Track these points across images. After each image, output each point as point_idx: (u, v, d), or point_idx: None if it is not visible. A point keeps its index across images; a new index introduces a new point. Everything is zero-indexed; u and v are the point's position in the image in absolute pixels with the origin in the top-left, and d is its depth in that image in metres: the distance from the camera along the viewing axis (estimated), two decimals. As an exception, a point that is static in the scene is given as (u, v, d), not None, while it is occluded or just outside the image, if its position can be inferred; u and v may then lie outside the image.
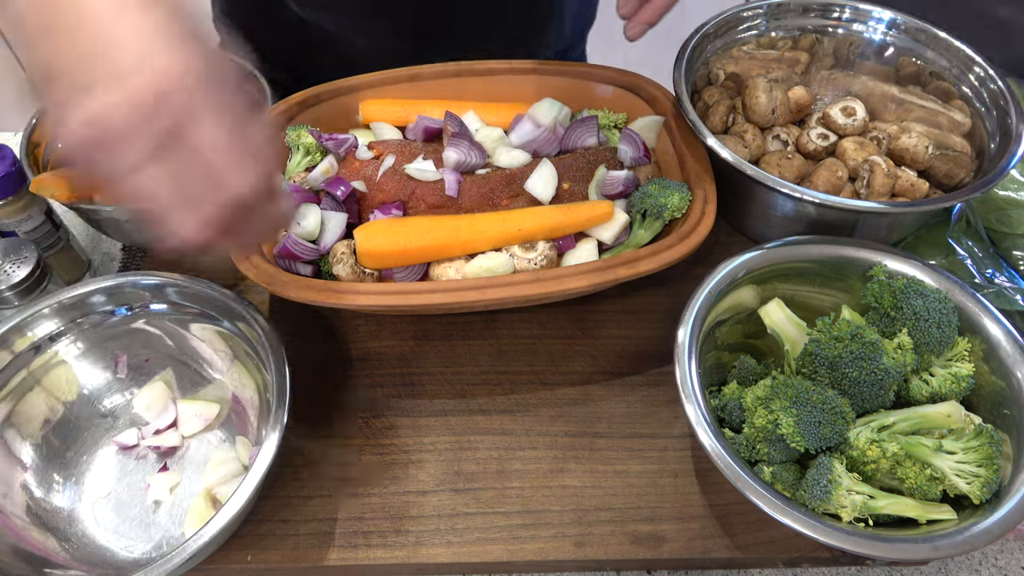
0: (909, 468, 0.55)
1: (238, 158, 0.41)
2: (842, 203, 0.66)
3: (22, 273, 0.66)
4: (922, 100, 0.81)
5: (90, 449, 0.65)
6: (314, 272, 0.68)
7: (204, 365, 0.68)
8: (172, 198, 0.41)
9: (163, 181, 0.40)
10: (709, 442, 0.54)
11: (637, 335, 0.73)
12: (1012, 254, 0.74)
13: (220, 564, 0.59)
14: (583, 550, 0.60)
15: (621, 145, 0.72)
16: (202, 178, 0.41)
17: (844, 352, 0.56)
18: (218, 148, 0.41)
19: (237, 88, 0.42)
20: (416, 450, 0.65)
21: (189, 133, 0.40)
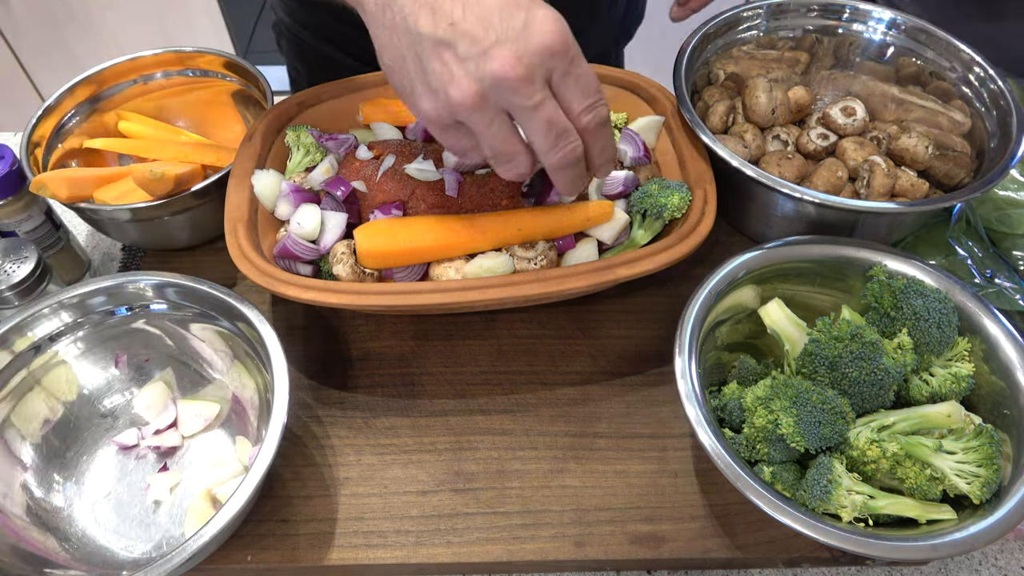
0: (909, 468, 0.55)
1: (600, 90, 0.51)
2: (842, 203, 0.66)
3: (22, 273, 0.66)
4: (922, 100, 0.81)
5: (90, 449, 0.65)
6: (314, 272, 0.68)
7: (204, 365, 0.68)
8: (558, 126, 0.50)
9: (557, 108, 0.50)
10: (709, 442, 0.54)
11: (637, 335, 0.73)
12: (1012, 254, 0.74)
13: (220, 564, 0.59)
14: (583, 550, 0.60)
15: (621, 145, 0.72)
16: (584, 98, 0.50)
17: (844, 352, 0.56)
18: (590, 81, 0.50)
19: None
20: (416, 450, 0.65)
21: (574, 71, 0.49)
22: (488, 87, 0.48)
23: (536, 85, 0.48)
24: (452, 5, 0.48)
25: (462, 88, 0.48)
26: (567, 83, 0.50)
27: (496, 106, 0.50)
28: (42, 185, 0.70)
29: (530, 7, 0.48)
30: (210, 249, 0.80)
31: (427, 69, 0.49)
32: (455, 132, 0.52)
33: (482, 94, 0.49)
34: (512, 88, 0.48)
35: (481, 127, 0.50)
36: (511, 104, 0.49)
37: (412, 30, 0.49)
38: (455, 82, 0.48)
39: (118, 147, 0.80)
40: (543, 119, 0.50)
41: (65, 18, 1.89)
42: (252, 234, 0.66)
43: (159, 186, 0.70)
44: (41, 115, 0.77)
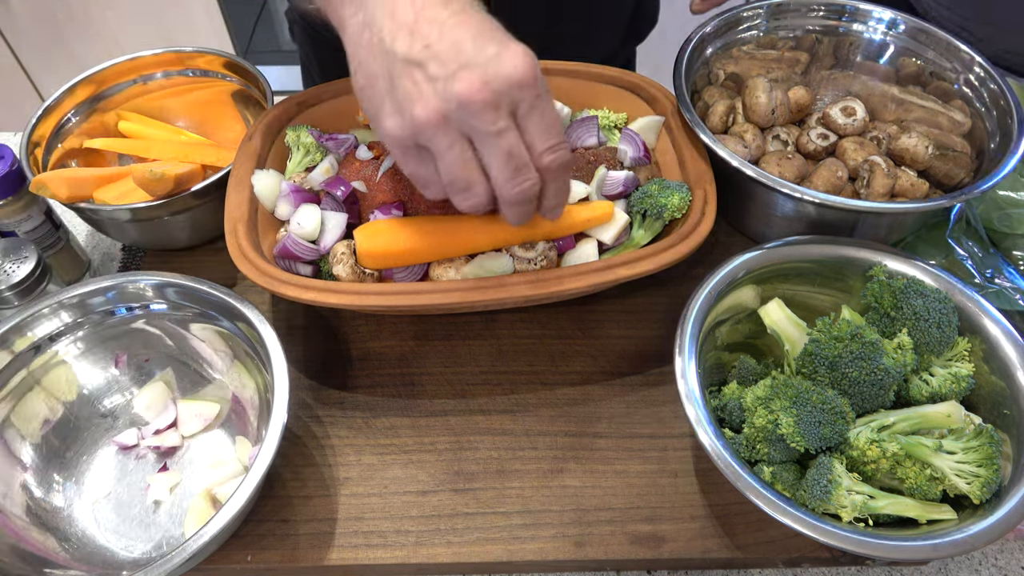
0: (909, 468, 0.55)
1: (563, 134, 0.52)
2: (842, 203, 0.66)
3: (22, 273, 0.66)
4: (922, 100, 0.81)
5: (90, 449, 0.65)
6: (314, 272, 0.68)
7: (204, 365, 0.68)
8: (517, 160, 0.50)
9: (519, 142, 0.50)
10: (709, 442, 0.54)
11: (637, 335, 0.73)
12: (1012, 254, 0.74)
13: (220, 564, 0.59)
14: (583, 550, 0.60)
15: (621, 145, 0.72)
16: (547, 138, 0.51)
17: (844, 352, 0.56)
18: (555, 122, 0.51)
19: None
20: (416, 450, 0.65)
21: (539, 107, 0.50)
22: (452, 108, 0.48)
23: (500, 112, 0.49)
24: (430, 29, 0.49)
25: (427, 106, 0.49)
26: (532, 119, 0.50)
27: (458, 130, 0.50)
28: (42, 185, 0.70)
29: (504, 40, 0.49)
30: (210, 249, 0.80)
31: (396, 87, 0.50)
32: (416, 157, 0.52)
33: (445, 114, 0.49)
34: (476, 112, 0.48)
35: (441, 149, 0.50)
36: (473, 129, 0.49)
37: (388, 50, 0.50)
38: (421, 100, 0.49)
39: (118, 147, 0.80)
40: (504, 148, 0.50)
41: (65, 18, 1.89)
42: (252, 234, 0.66)
43: (159, 186, 0.70)
44: (41, 115, 0.77)
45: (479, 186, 0.52)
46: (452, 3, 0.50)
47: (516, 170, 0.51)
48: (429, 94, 0.49)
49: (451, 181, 0.52)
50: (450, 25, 0.49)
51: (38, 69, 1.99)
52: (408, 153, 0.52)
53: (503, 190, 0.52)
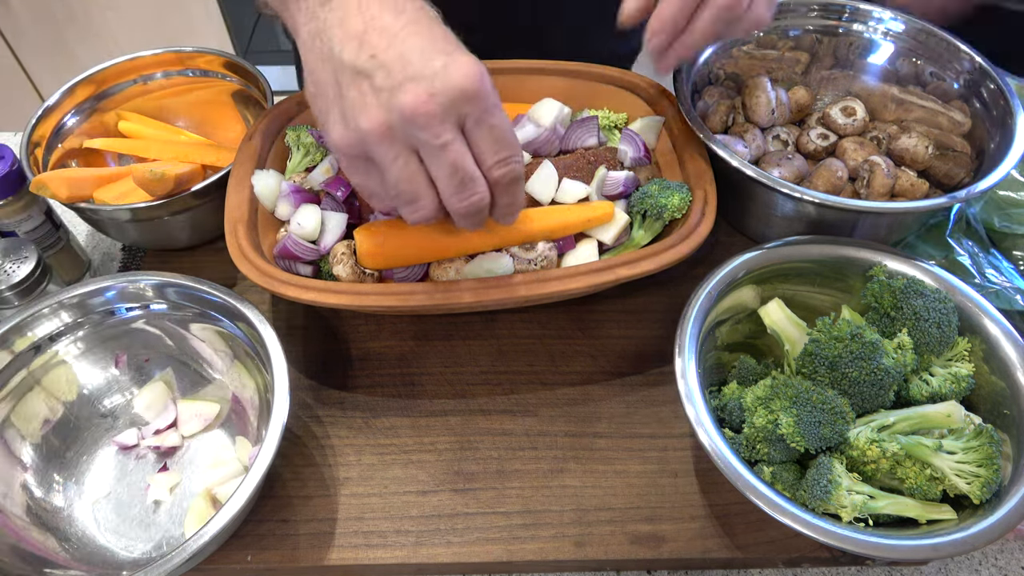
0: (909, 468, 0.55)
1: (515, 146, 0.52)
2: (842, 203, 0.66)
3: (22, 273, 0.66)
4: (922, 100, 0.81)
5: (90, 449, 0.65)
6: (314, 272, 0.68)
7: (204, 365, 0.68)
8: (463, 173, 0.50)
9: (466, 155, 0.50)
10: (709, 442, 0.54)
11: (637, 335, 0.73)
12: (1012, 254, 0.74)
13: (220, 564, 0.59)
14: (583, 550, 0.60)
15: (621, 145, 0.72)
16: (497, 151, 0.51)
17: (844, 352, 0.56)
18: (505, 135, 0.50)
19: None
20: (416, 450, 0.65)
21: (488, 120, 0.49)
22: (396, 120, 0.48)
23: (446, 125, 0.48)
24: (378, 39, 0.48)
25: (371, 117, 0.48)
26: (480, 131, 0.50)
27: (404, 141, 0.49)
28: (42, 185, 0.70)
29: (453, 52, 0.48)
30: (210, 249, 0.80)
31: (344, 96, 0.50)
32: (363, 167, 0.52)
33: (390, 126, 0.49)
34: (420, 124, 0.48)
35: (386, 161, 0.50)
36: (419, 141, 0.49)
37: (337, 58, 0.49)
38: (366, 111, 0.49)
39: (118, 147, 0.80)
40: (449, 161, 0.49)
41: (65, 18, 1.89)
42: (252, 234, 0.66)
43: (159, 186, 0.70)
44: (41, 115, 0.77)
45: (425, 199, 0.52)
46: (404, 13, 0.49)
47: (462, 183, 0.51)
48: (374, 105, 0.48)
49: (396, 194, 0.52)
50: (399, 35, 0.48)
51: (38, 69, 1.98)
52: (354, 163, 0.52)
53: (449, 203, 0.52)
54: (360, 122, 0.49)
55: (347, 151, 0.51)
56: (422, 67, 0.48)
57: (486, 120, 0.49)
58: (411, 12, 0.50)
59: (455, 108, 0.48)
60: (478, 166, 0.51)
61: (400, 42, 0.48)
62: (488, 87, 0.49)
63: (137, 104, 0.84)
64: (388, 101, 0.48)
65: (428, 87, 0.47)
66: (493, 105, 0.49)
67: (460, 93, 0.48)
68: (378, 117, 0.48)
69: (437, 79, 0.47)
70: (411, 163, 0.50)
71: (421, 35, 0.49)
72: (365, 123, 0.49)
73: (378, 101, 0.48)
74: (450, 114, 0.48)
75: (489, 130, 0.50)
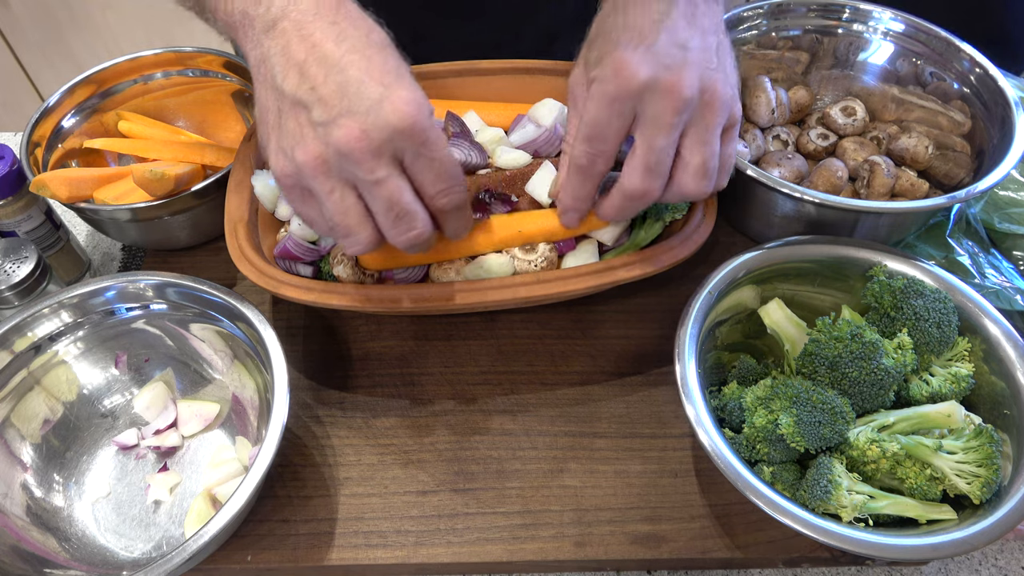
0: (909, 468, 0.55)
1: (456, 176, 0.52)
2: (842, 203, 0.66)
3: (22, 273, 0.66)
4: (922, 100, 0.81)
5: (90, 449, 0.65)
6: (314, 273, 0.68)
7: (204, 365, 0.68)
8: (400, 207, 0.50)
9: (404, 189, 0.50)
10: (709, 442, 0.54)
11: (637, 335, 0.73)
12: (1012, 254, 0.74)
13: (220, 564, 0.59)
14: (583, 550, 0.60)
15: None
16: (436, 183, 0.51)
17: (844, 352, 0.56)
18: (444, 167, 0.50)
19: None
20: (416, 450, 0.65)
21: (425, 153, 0.49)
22: (332, 155, 0.48)
23: (380, 161, 0.48)
24: (317, 71, 0.48)
25: (307, 151, 0.49)
26: (419, 165, 0.50)
27: (340, 176, 0.50)
28: (42, 185, 0.70)
29: (391, 85, 0.48)
30: (210, 249, 0.80)
31: (283, 126, 0.50)
32: (301, 196, 0.52)
33: (325, 160, 0.49)
34: (354, 161, 0.48)
35: (322, 194, 0.50)
36: (354, 176, 0.49)
37: (279, 88, 0.49)
38: (303, 144, 0.49)
39: (118, 147, 0.80)
40: (383, 197, 0.50)
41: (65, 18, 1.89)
42: (252, 235, 0.66)
43: (159, 186, 0.70)
44: (41, 115, 0.77)
45: (361, 233, 0.52)
46: (346, 40, 0.49)
47: (398, 218, 0.51)
48: (311, 138, 0.48)
49: (332, 226, 0.52)
50: (339, 65, 0.48)
51: (38, 69, 1.98)
52: (293, 192, 0.52)
53: (388, 235, 0.52)
54: (296, 154, 0.49)
55: (284, 181, 0.51)
56: (358, 101, 0.47)
57: (423, 154, 0.49)
58: (353, 39, 0.49)
59: (390, 144, 0.48)
60: (420, 196, 0.51)
61: (338, 73, 0.48)
62: (423, 121, 0.48)
63: (137, 104, 0.84)
64: (324, 136, 0.48)
65: (361, 123, 0.47)
66: (429, 139, 0.49)
67: (394, 129, 0.47)
68: (314, 151, 0.48)
69: (371, 115, 0.47)
70: (347, 197, 0.50)
71: (361, 65, 0.48)
72: (301, 156, 0.49)
73: (315, 134, 0.48)
74: (384, 150, 0.48)
75: (428, 163, 0.50)
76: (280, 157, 0.51)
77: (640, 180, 0.55)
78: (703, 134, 0.54)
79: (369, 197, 0.50)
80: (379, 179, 0.49)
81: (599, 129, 0.54)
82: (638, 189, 0.55)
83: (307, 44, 0.49)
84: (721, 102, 0.53)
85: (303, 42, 0.49)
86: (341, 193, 0.50)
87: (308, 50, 0.49)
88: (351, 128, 0.47)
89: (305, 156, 0.49)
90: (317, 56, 0.48)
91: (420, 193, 0.52)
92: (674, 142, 0.54)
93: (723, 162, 0.56)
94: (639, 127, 0.53)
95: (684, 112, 0.52)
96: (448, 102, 0.76)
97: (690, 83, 0.51)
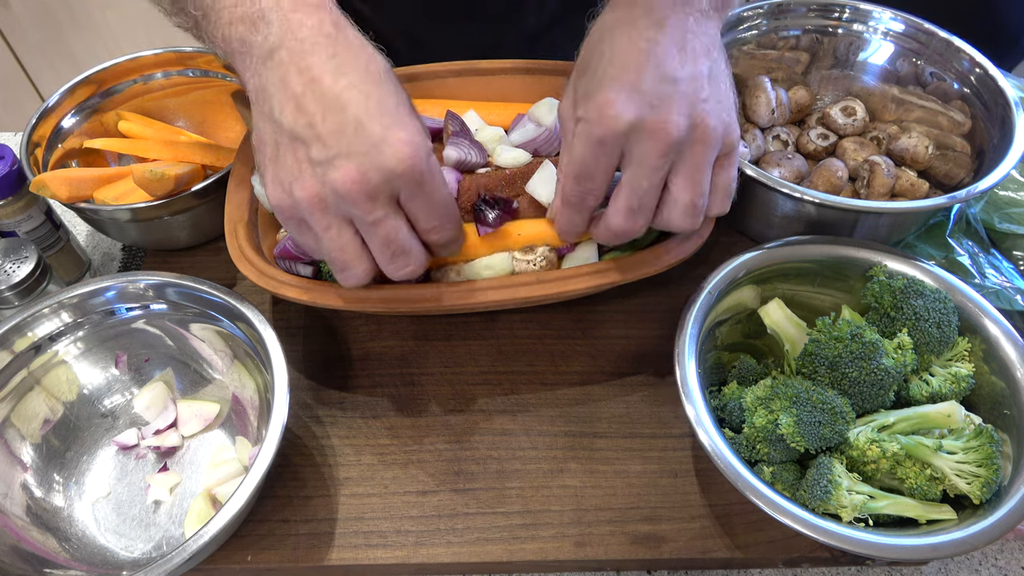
0: (909, 468, 0.55)
1: (450, 213, 0.53)
2: (842, 203, 0.66)
3: (22, 273, 0.66)
4: (922, 100, 0.81)
5: (90, 449, 0.65)
6: (314, 273, 0.67)
7: (204, 365, 0.68)
8: (396, 246, 0.51)
9: (400, 228, 0.51)
10: (709, 442, 0.54)
11: (637, 335, 0.73)
12: (1012, 254, 0.74)
13: (220, 564, 0.59)
14: (583, 550, 0.60)
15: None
16: (430, 220, 0.52)
17: (844, 352, 0.56)
18: (439, 206, 0.51)
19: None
20: (416, 450, 0.65)
21: (421, 194, 0.50)
22: (329, 194, 0.49)
23: (378, 203, 0.49)
24: (315, 108, 0.48)
25: (306, 188, 0.49)
26: (415, 204, 0.51)
27: (337, 213, 0.50)
28: (42, 185, 0.70)
29: (389, 126, 0.48)
30: (210, 249, 0.80)
31: (280, 159, 0.50)
32: (298, 226, 0.52)
33: (323, 198, 0.49)
34: (352, 201, 0.48)
35: (319, 229, 0.51)
36: (352, 215, 0.50)
37: (277, 120, 0.49)
38: (301, 181, 0.49)
39: (118, 147, 0.80)
40: (380, 235, 0.51)
41: (65, 18, 1.89)
42: (252, 235, 0.66)
43: (159, 186, 0.70)
44: (41, 115, 0.77)
45: (357, 268, 0.53)
46: (344, 75, 0.48)
47: (394, 255, 0.52)
48: (308, 176, 0.49)
49: (330, 260, 0.53)
50: (338, 102, 0.48)
51: (38, 69, 1.98)
52: (290, 223, 0.52)
53: (384, 269, 0.53)
54: (295, 190, 0.49)
55: (282, 213, 0.52)
56: (356, 143, 0.47)
57: (419, 195, 0.50)
58: (352, 74, 0.49)
59: (387, 185, 0.49)
60: (414, 228, 0.53)
61: (337, 111, 0.48)
62: (421, 164, 0.48)
63: (137, 104, 0.84)
64: (323, 175, 0.48)
65: (359, 165, 0.47)
66: (426, 180, 0.49)
67: (392, 173, 0.48)
68: (312, 188, 0.49)
69: (369, 157, 0.47)
70: (344, 233, 0.51)
71: (360, 104, 0.48)
72: (299, 192, 0.49)
73: (313, 172, 0.49)
74: (382, 191, 0.49)
75: (424, 202, 0.51)
76: (278, 189, 0.51)
77: (623, 220, 0.55)
78: (692, 172, 0.53)
79: (367, 235, 0.51)
80: (376, 219, 0.50)
81: (587, 169, 0.54)
82: (621, 228, 0.55)
83: (305, 77, 0.48)
84: (712, 136, 0.52)
85: (301, 75, 0.48)
86: (338, 230, 0.51)
87: (306, 84, 0.48)
88: (349, 170, 0.47)
89: (303, 193, 0.49)
90: (315, 91, 0.48)
91: (415, 227, 0.53)
92: (659, 182, 0.53)
93: (721, 189, 0.56)
94: (625, 166, 0.53)
95: (670, 153, 0.51)
96: (448, 102, 0.76)
97: (677, 123, 0.50)
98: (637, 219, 0.55)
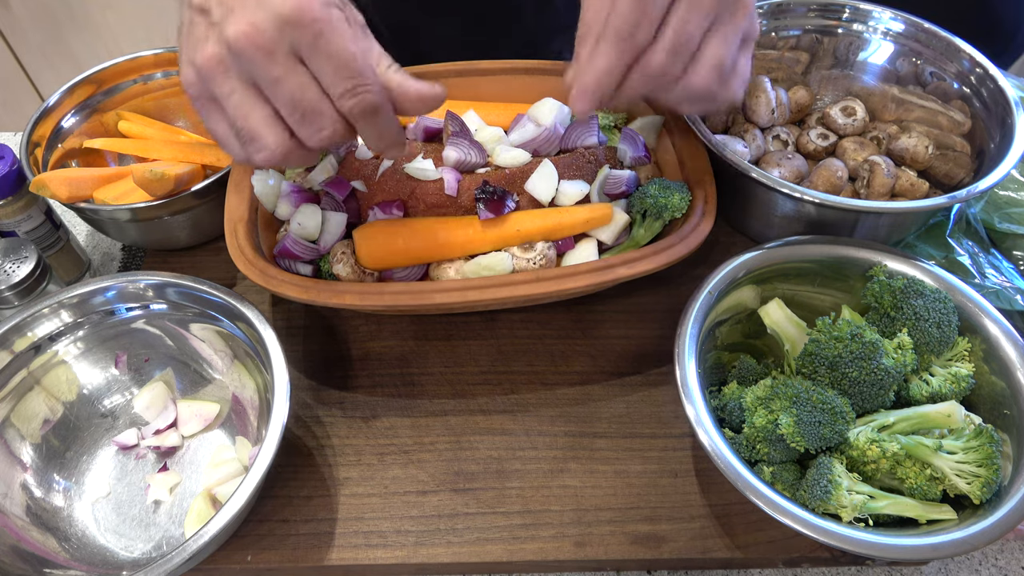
0: (909, 468, 0.55)
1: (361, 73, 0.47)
2: (842, 203, 0.66)
3: (22, 273, 0.66)
4: (922, 100, 0.81)
5: (90, 449, 0.65)
6: (314, 272, 0.68)
7: (204, 365, 0.68)
8: (304, 105, 0.47)
9: (307, 86, 0.47)
10: (709, 442, 0.54)
11: (637, 335, 0.73)
12: (1012, 254, 0.74)
13: (220, 564, 0.59)
14: (583, 550, 0.60)
15: (621, 145, 0.72)
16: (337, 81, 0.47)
17: (844, 352, 0.56)
18: (346, 61, 0.47)
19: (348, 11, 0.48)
20: (416, 450, 0.65)
21: (322, 47, 0.46)
22: (227, 54, 0.47)
23: (276, 57, 0.46)
24: None
25: (205, 53, 0.47)
26: (317, 61, 0.47)
27: (240, 76, 0.48)
28: (42, 185, 0.70)
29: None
30: (210, 249, 0.80)
31: (189, 35, 0.49)
32: (209, 108, 0.50)
33: (222, 60, 0.47)
34: (249, 57, 0.46)
35: (223, 96, 0.48)
36: (255, 75, 0.47)
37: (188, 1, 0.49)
38: (201, 47, 0.48)
39: (118, 147, 0.80)
40: (285, 95, 0.47)
41: (65, 18, 1.89)
42: (252, 234, 0.66)
43: (159, 186, 0.70)
44: (41, 115, 0.77)
45: (267, 137, 0.49)
46: None
47: (304, 117, 0.48)
48: (210, 40, 0.47)
49: (237, 132, 0.50)
50: None
51: (38, 69, 1.98)
52: (200, 103, 0.50)
53: (301, 138, 0.49)
54: (196, 58, 0.48)
55: (191, 91, 0.50)
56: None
57: (319, 47, 0.46)
58: None
59: (284, 38, 0.45)
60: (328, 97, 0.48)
61: None
62: (314, 11, 0.45)
63: (137, 104, 0.84)
64: (219, 35, 0.47)
65: (251, 16, 0.45)
66: (323, 30, 0.46)
67: (283, 20, 0.45)
68: (211, 51, 0.47)
69: (260, 8, 0.45)
70: (247, 98, 0.48)
71: None
72: (200, 58, 0.48)
73: (213, 35, 0.47)
74: (280, 44, 0.46)
75: (326, 58, 0.46)
76: (187, 68, 0.49)
77: (664, 58, 0.51)
78: (728, 34, 0.52)
79: (273, 97, 0.48)
80: (277, 76, 0.46)
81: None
82: (659, 67, 0.52)
83: None
84: (749, 7, 0.53)
85: None
86: (242, 94, 0.48)
87: None
88: (241, 23, 0.45)
89: (203, 58, 0.47)
90: None
91: (326, 93, 0.48)
92: (702, 32, 0.52)
93: (739, 71, 0.55)
94: (676, 7, 0.51)
95: (719, 7, 0.51)
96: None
97: None
98: (676, 62, 0.52)
